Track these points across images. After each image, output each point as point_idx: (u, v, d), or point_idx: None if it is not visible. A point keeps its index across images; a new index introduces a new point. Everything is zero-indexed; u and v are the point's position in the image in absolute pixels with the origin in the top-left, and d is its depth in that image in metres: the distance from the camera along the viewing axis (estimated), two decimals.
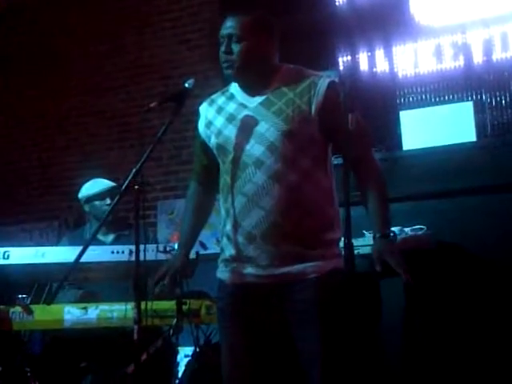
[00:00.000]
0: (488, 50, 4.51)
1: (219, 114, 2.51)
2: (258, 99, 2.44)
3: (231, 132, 2.44)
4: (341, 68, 4.82)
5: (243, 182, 2.38)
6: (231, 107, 2.49)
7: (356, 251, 3.47)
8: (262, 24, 2.45)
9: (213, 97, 2.60)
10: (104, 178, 4.20)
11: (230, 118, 2.47)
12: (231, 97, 2.52)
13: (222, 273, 2.49)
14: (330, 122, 2.37)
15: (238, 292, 2.42)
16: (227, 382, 2.43)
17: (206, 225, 2.75)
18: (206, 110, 2.58)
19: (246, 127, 2.41)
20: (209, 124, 2.54)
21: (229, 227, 2.43)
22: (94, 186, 4.15)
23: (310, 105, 2.37)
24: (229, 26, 2.43)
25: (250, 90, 2.47)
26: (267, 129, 2.38)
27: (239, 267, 2.42)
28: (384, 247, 2.36)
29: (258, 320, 2.40)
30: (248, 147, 2.39)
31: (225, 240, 2.46)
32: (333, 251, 2.40)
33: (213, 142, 2.51)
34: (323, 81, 2.40)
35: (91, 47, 6.31)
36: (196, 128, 2.62)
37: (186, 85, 2.58)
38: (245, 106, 2.45)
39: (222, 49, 2.43)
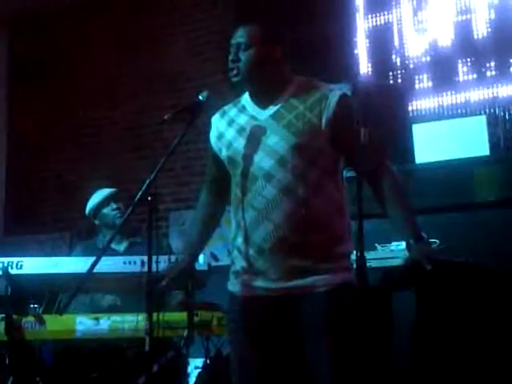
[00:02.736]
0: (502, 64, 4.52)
1: (230, 126, 2.51)
2: (269, 112, 2.44)
3: (241, 145, 2.44)
4: (354, 80, 4.82)
5: (253, 195, 2.38)
6: (242, 119, 2.49)
7: (368, 264, 3.47)
8: (271, 33, 2.46)
9: (225, 108, 2.60)
10: (107, 187, 4.23)
11: (241, 131, 2.46)
12: (242, 109, 2.52)
13: (233, 285, 2.49)
14: (341, 135, 2.36)
15: (248, 304, 2.42)
16: None
17: (216, 235, 2.76)
18: (217, 122, 2.58)
19: (255, 139, 2.41)
20: (220, 136, 2.54)
21: (240, 240, 2.42)
22: (94, 198, 4.18)
23: (320, 118, 2.37)
24: (238, 35, 2.44)
25: (261, 101, 2.47)
26: (277, 142, 2.37)
27: (249, 280, 2.41)
28: (426, 249, 2.36)
29: (268, 333, 2.39)
30: (257, 160, 2.39)
31: (235, 252, 2.46)
32: (343, 264, 2.39)
33: (224, 154, 2.51)
34: (334, 94, 2.40)
35: (105, 58, 6.35)
36: (208, 139, 2.62)
37: (200, 97, 2.58)
38: (255, 119, 2.45)
39: (230, 57, 2.44)
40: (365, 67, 4.98)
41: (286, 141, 2.36)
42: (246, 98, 2.54)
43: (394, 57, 4.93)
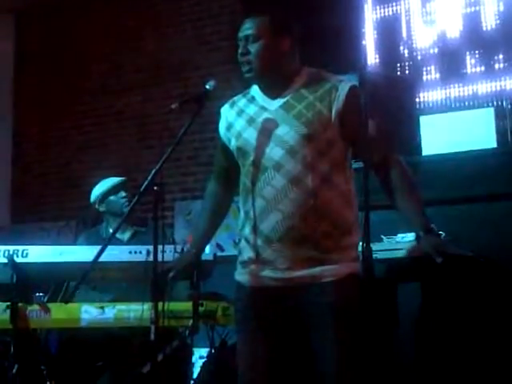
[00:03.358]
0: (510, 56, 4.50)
1: (240, 117, 2.51)
2: (279, 102, 2.44)
3: (251, 135, 2.44)
4: (361, 71, 4.80)
5: (262, 185, 2.38)
6: (251, 110, 2.49)
7: (374, 256, 3.47)
8: (279, 24, 2.45)
9: (234, 99, 2.60)
10: (115, 177, 4.22)
11: (250, 121, 2.47)
12: (252, 99, 2.52)
13: (240, 275, 2.49)
14: (351, 126, 2.37)
15: (256, 294, 2.43)
16: (243, 382, 2.44)
17: (222, 226, 2.77)
18: (227, 112, 2.58)
19: (266, 130, 2.41)
20: (229, 126, 2.54)
21: (248, 230, 2.43)
22: (103, 184, 4.17)
23: (330, 109, 2.37)
24: (246, 27, 2.44)
25: (271, 92, 2.47)
26: (287, 132, 2.38)
27: (257, 270, 2.42)
28: (436, 241, 2.36)
29: (275, 322, 2.40)
30: (267, 150, 2.39)
31: (243, 242, 2.47)
32: (350, 255, 2.40)
33: (233, 144, 2.51)
34: (344, 85, 2.40)
35: (111, 47, 6.34)
36: (217, 129, 2.63)
37: (207, 86, 2.59)
38: (265, 109, 2.45)
39: (240, 50, 2.44)
40: (372, 58, 4.97)
41: (295, 131, 2.37)
42: (255, 89, 2.54)
43: (401, 48, 4.91)
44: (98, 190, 4.16)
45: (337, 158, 2.41)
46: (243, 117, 2.50)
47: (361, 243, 2.36)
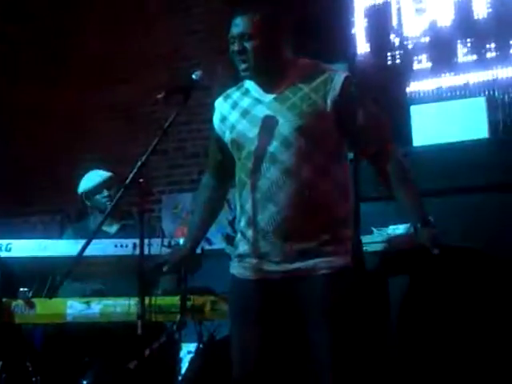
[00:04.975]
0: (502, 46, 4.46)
1: (234, 109, 2.52)
2: (273, 94, 2.44)
3: (245, 127, 2.45)
4: (351, 61, 4.77)
5: (257, 177, 2.39)
6: (246, 102, 2.50)
7: (364, 248, 3.45)
8: (272, 20, 2.44)
9: (228, 92, 2.60)
10: (102, 169, 4.17)
11: (245, 113, 2.48)
12: (246, 92, 2.53)
13: (235, 268, 2.51)
14: (346, 116, 2.38)
15: (251, 287, 2.44)
16: (238, 375, 2.45)
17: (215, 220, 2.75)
18: (221, 105, 2.59)
19: (260, 122, 2.42)
20: (223, 119, 2.55)
21: (243, 223, 2.45)
22: (89, 179, 4.12)
23: (325, 100, 2.37)
24: (239, 24, 2.42)
25: (265, 85, 2.47)
26: (281, 124, 2.38)
27: (252, 262, 2.44)
28: (433, 233, 2.38)
29: (270, 314, 2.42)
30: (262, 142, 2.40)
31: (239, 235, 2.50)
32: (345, 247, 2.40)
33: (227, 137, 2.52)
34: (339, 76, 2.40)
35: (98, 37, 6.27)
36: (211, 123, 2.63)
37: (194, 77, 2.58)
38: (259, 101, 2.46)
39: (235, 48, 2.43)
40: (362, 47, 4.92)
41: (290, 123, 2.37)
42: (249, 82, 2.53)
43: (392, 37, 4.86)
44: (82, 186, 4.12)
45: (332, 149, 2.41)
46: (237, 109, 2.51)
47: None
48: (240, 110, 2.50)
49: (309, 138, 2.36)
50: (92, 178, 4.11)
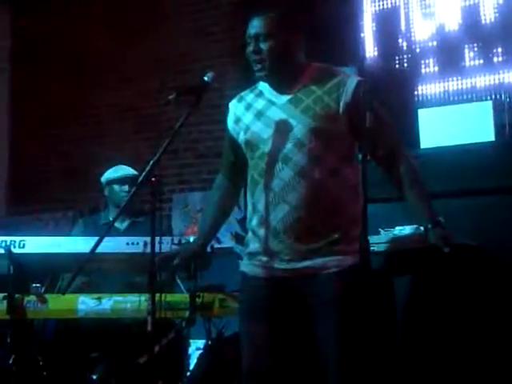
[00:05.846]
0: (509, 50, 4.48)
1: (248, 111, 2.56)
2: (287, 96, 2.48)
3: (259, 128, 2.49)
4: (360, 64, 4.80)
5: (270, 177, 2.43)
6: (259, 104, 2.54)
7: (371, 249, 3.47)
8: (288, 21, 2.48)
9: (242, 94, 2.65)
10: (132, 169, 4.23)
11: (259, 115, 2.52)
12: (260, 94, 2.57)
13: (246, 266, 2.55)
14: (357, 120, 2.40)
15: (260, 284, 2.48)
16: (248, 372, 2.49)
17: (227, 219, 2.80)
18: (234, 107, 2.64)
19: (274, 124, 2.46)
20: (237, 120, 2.60)
21: (255, 222, 2.49)
22: (117, 170, 4.21)
23: (338, 103, 2.41)
24: (255, 25, 2.46)
25: (279, 87, 2.51)
26: (295, 126, 2.42)
27: (263, 261, 2.48)
28: (443, 233, 2.39)
29: (280, 312, 2.46)
30: (276, 143, 2.44)
31: (250, 234, 2.53)
32: (354, 247, 2.41)
33: (241, 138, 2.57)
34: (352, 80, 2.45)
35: (109, 38, 6.31)
36: (225, 124, 2.67)
37: (205, 78, 2.61)
38: (273, 103, 2.50)
39: (251, 48, 2.47)
40: (371, 51, 4.94)
41: (303, 125, 2.41)
42: (263, 84, 2.58)
43: (400, 41, 4.88)
44: (107, 175, 4.22)
45: (344, 151, 2.46)
46: (251, 111, 2.55)
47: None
48: (254, 112, 2.53)
49: (322, 140, 2.40)
50: (119, 170, 4.20)
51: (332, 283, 2.37)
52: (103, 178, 4.22)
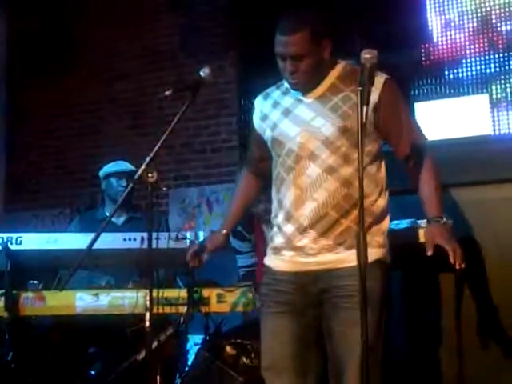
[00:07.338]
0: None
1: (275, 108, 2.59)
2: (314, 94, 2.50)
3: (287, 126, 2.52)
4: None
5: (297, 174, 2.47)
6: (287, 101, 2.56)
7: None
8: (320, 34, 2.46)
9: (268, 90, 2.67)
10: (131, 165, 4.22)
11: (286, 112, 2.54)
12: (286, 91, 2.59)
13: (270, 260, 2.58)
14: (386, 118, 2.44)
15: (285, 279, 2.50)
16: (268, 366, 2.51)
17: (218, 214, 2.81)
18: (261, 104, 2.66)
19: (302, 121, 2.49)
20: (264, 117, 2.62)
21: (280, 218, 2.52)
22: (115, 164, 4.22)
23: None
24: (289, 44, 2.42)
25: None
26: (323, 124, 2.45)
27: (288, 255, 2.50)
28: (436, 230, 2.40)
29: (303, 306, 2.48)
30: (303, 141, 2.46)
31: (275, 229, 2.56)
32: (379, 241, 2.47)
33: (268, 135, 2.59)
34: (379, 78, 2.43)
35: (105, 33, 6.29)
36: (251, 120, 2.70)
37: (201, 73, 2.61)
38: (301, 101, 2.52)
39: (288, 68, 2.45)
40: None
41: (331, 123, 2.44)
42: None
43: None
44: (106, 169, 4.22)
45: (371, 148, 2.48)
46: (278, 108, 2.57)
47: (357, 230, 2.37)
48: (281, 109, 2.55)
49: (349, 138, 2.41)
50: (118, 164, 4.21)
51: (355, 277, 2.31)
52: (101, 172, 4.23)
